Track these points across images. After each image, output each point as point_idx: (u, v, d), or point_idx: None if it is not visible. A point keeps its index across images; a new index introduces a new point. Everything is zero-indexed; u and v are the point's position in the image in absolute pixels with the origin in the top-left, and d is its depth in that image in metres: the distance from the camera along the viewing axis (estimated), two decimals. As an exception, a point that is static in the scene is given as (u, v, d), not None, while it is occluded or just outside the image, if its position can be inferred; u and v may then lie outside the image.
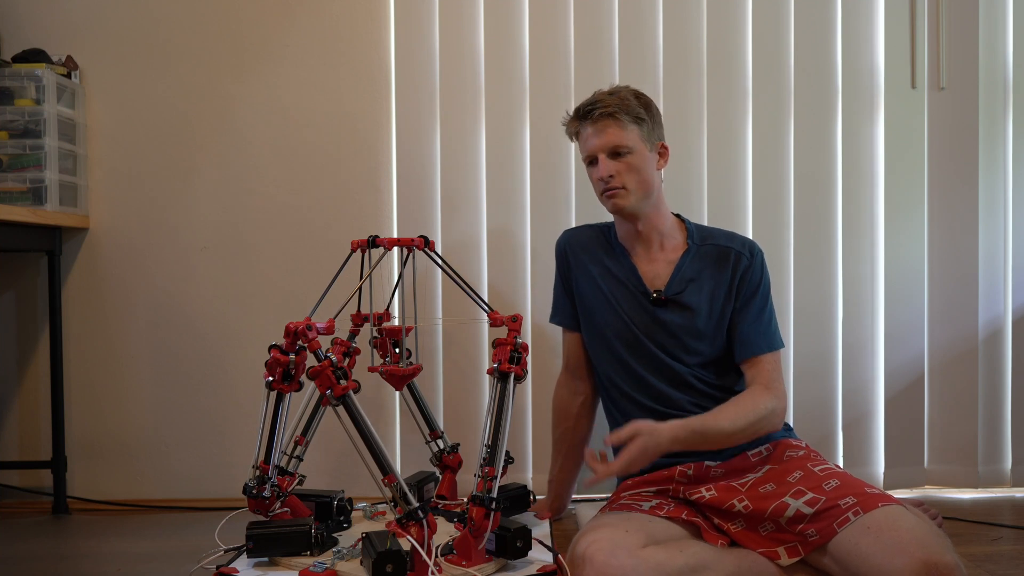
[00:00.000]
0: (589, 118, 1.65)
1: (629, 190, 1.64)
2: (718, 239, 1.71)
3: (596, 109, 1.64)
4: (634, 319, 1.67)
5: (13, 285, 2.19)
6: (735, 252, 1.67)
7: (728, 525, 1.47)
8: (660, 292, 1.66)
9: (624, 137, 1.63)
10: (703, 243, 1.70)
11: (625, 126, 1.63)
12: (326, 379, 1.39)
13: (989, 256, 2.18)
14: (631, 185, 1.63)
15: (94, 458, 2.18)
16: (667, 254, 1.70)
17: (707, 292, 1.65)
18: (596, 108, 1.64)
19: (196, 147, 2.17)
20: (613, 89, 1.68)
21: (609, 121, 1.63)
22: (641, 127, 1.65)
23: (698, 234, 1.72)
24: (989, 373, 2.18)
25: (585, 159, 1.70)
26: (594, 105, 1.65)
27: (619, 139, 1.63)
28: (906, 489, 2.19)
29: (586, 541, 1.34)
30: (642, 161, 1.64)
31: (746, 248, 1.69)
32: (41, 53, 2.07)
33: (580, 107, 1.68)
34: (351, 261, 1.75)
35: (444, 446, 1.87)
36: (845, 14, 2.16)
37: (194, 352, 2.18)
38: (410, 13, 2.15)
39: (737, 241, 1.70)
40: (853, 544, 1.31)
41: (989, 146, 2.17)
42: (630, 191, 1.64)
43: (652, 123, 1.67)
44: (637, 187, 1.64)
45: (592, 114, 1.64)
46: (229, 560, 1.50)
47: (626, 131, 1.63)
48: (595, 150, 1.65)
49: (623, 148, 1.63)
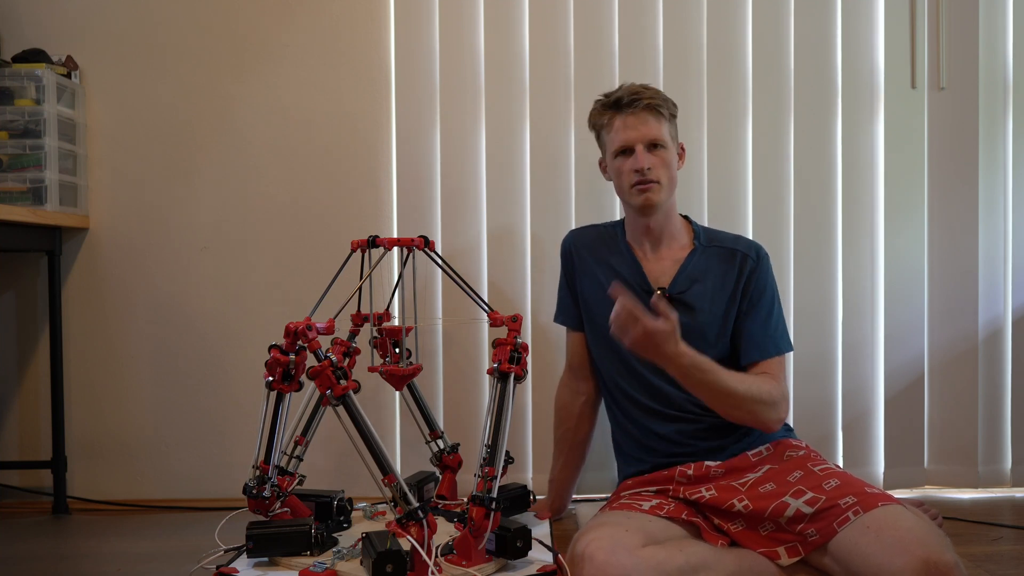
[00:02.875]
0: (630, 108, 1.64)
1: (662, 185, 1.64)
2: (724, 241, 1.71)
3: (640, 100, 1.63)
4: None
5: (13, 285, 2.19)
6: (741, 254, 1.67)
7: (728, 525, 1.47)
8: (664, 291, 1.66)
9: (662, 131, 1.64)
10: (709, 244, 1.70)
11: (663, 121, 1.64)
12: (326, 379, 1.39)
13: (989, 256, 2.18)
14: (664, 180, 1.64)
15: (94, 458, 2.18)
16: (674, 253, 1.70)
17: (711, 292, 1.65)
18: (639, 99, 1.63)
19: (196, 147, 2.17)
20: (644, 86, 1.68)
21: (652, 114, 1.63)
22: (672, 124, 1.68)
23: (705, 235, 1.72)
24: (989, 373, 2.18)
25: (617, 149, 1.66)
26: (638, 95, 1.64)
27: (659, 133, 1.63)
28: (906, 489, 2.19)
29: (586, 540, 1.34)
30: (672, 158, 1.67)
31: (752, 250, 1.69)
32: (41, 53, 2.07)
33: (617, 97, 1.66)
34: (351, 261, 1.75)
35: (444, 446, 1.87)
36: (845, 14, 2.16)
37: (194, 352, 2.18)
38: (410, 13, 2.15)
39: (743, 243, 1.71)
40: (853, 543, 1.31)
41: (989, 146, 2.17)
42: (662, 186, 1.64)
43: (675, 124, 1.69)
44: (668, 183, 1.65)
45: (634, 105, 1.63)
46: (229, 560, 1.50)
47: (663, 126, 1.64)
48: (633, 141, 1.63)
49: (660, 142, 1.64)
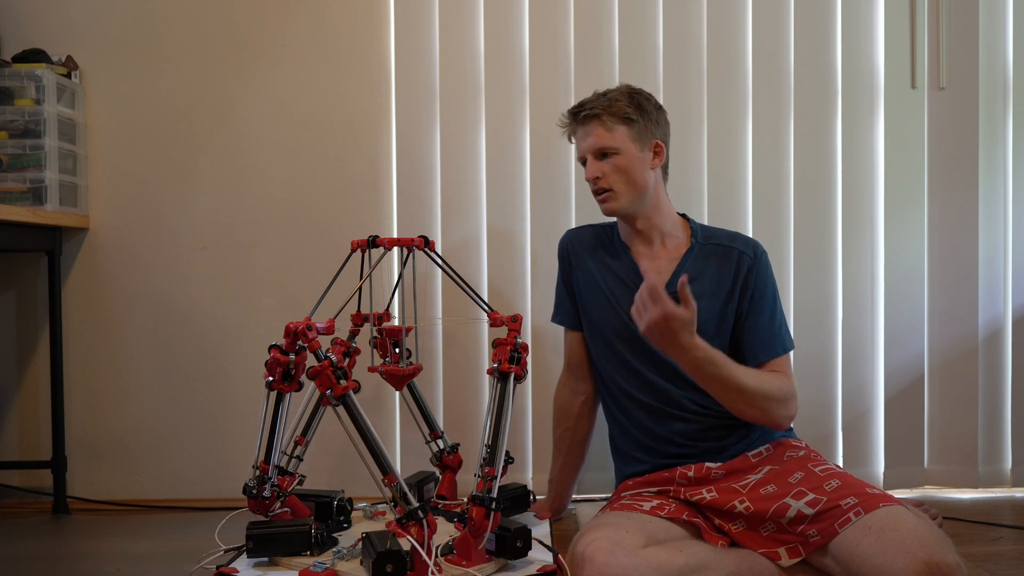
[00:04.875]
0: (578, 119, 1.68)
1: (617, 192, 1.65)
2: (721, 239, 1.71)
3: (583, 111, 1.67)
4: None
5: (13, 285, 2.19)
6: (738, 251, 1.67)
7: (729, 526, 1.47)
8: None
9: (610, 139, 1.64)
10: (707, 242, 1.70)
11: (611, 128, 1.64)
12: (326, 379, 1.39)
13: (989, 256, 2.18)
14: (619, 187, 1.65)
15: (94, 458, 2.18)
16: (669, 252, 1.70)
17: (708, 291, 1.64)
18: (583, 110, 1.67)
19: (196, 147, 2.17)
20: (609, 90, 1.69)
21: (595, 123, 1.65)
22: (630, 127, 1.64)
23: (702, 233, 1.72)
24: (989, 373, 2.18)
25: (578, 162, 1.73)
26: (581, 107, 1.68)
27: (604, 141, 1.64)
28: (906, 489, 2.19)
29: (586, 540, 1.34)
30: (630, 162, 1.64)
31: (749, 248, 1.68)
32: (41, 53, 2.07)
33: (572, 109, 1.71)
34: (351, 261, 1.75)
35: (444, 446, 1.87)
36: (845, 14, 2.16)
37: (194, 352, 2.18)
38: (410, 13, 2.15)
39: (740, 240, 1.70)
40: (855, 544, 1.31)
41: (989, 146, 2.17)
42: (618, 193, 1.65)
43: (645, 122, 1.66)
44: (626, 189, 1.65)
45: (579, 116, 1.68)
46: (229, 560, 1.50)
47: (612, 132, 1.64)
48: (583, 152, 1.69)
49: (609, 149, 1.64)
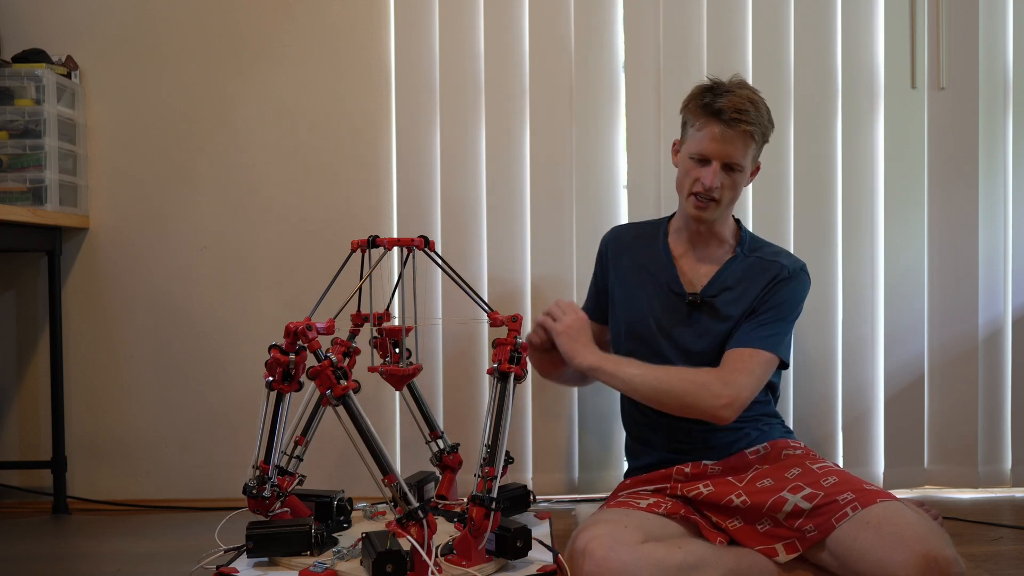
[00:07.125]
0: (729, 124, 1.55)
1: (721, 204, 1.61)
2: (766, 253, 1.68)
3: (742, 121, 1.55)
4: (663, 318, 1.66)
5: (13, 285, 2.19)
6: (778, 265, 1.64)
7: (726, 522, 1.48)
8: (696, 295, 1.64)
9: (744, 157, 1.59)
10: (750, 253, 1.67)
11: (752, 147, 1.60)
12: (326, 379, 1.39)
13: (989, 256, 2.18)
14: (725, 201, 1.61)
15: (94, 458, 2.18)
16: (713, 257, 1.68)
17: (733, 299, 1.62)
18: (742, 120, 1.54)
19: (196, 147, 2.17)
20: (754, 96, 1.59)
21: (746, 139, 1.57)
22: (760, 148, 1.63)
23: (749, 244, 1.69)
24: (989, 373, 2.18)
25: (695, 154, 1.60)
26: (740, 117, 1.55)
27: (742, 157, 1.58)
28: (906, 489, 2.19)
29: (585, 536, 1.35)
30: (744, 179, 1.63)
31: (788, 266, 1.64)
32: (41, 53, 2.07)
33: (720, 107, 1.55)
34: (351, 261, 1.75)
35: (444, 446, 1.86)
36: (845, 14, 2.16)
37: (194, 352, 2.18)
38: (410, 13, 2.15)
39: (784, 256, 1.67)
40: (852, 539, 1.31)
41: (989, 146, 2.17)
42: (721, 205, 1.61)
43: (764, 144, 1.64)
44: (729, 203, 1.63)
45: (733, 124, 1.55)
46: (229, 560, 1.49)
47: (750, 151, 1.60)
48: (714, 155, 1.57)
49: (739, 166, 1.59)
